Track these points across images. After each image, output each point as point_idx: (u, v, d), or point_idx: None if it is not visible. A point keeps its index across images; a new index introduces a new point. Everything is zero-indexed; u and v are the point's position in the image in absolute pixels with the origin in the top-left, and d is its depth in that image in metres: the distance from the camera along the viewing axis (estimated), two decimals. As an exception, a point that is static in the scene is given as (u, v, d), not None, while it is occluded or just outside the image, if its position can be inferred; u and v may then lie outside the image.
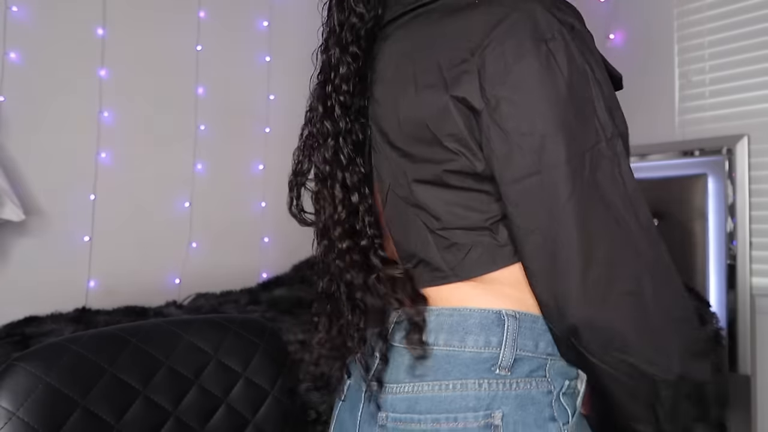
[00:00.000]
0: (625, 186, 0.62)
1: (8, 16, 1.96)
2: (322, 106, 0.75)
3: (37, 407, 0.77)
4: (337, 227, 0.73)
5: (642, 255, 0.62)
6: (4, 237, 1.93)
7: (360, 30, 0.71)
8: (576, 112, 0.61)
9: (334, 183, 0.73)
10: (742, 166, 1.90)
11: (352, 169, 0.73)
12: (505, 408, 0.64)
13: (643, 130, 2.19)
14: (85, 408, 0.81)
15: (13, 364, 0.78)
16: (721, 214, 1.91)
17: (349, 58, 0.72)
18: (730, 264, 1.89)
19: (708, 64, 2.05)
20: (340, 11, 0.73)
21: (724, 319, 1.86)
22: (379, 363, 0.70)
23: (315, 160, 0.77)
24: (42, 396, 0.78)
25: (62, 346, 0.84)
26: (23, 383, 0.77)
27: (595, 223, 0.60)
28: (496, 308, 0.66)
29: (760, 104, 1.91)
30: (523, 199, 0.61)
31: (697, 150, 2.01)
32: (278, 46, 2.55)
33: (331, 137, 0.74)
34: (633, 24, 2.27)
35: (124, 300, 1.98)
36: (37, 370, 0.78)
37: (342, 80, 0.73)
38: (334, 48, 0.74)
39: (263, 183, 2.50)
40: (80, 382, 0.82)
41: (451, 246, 0.67)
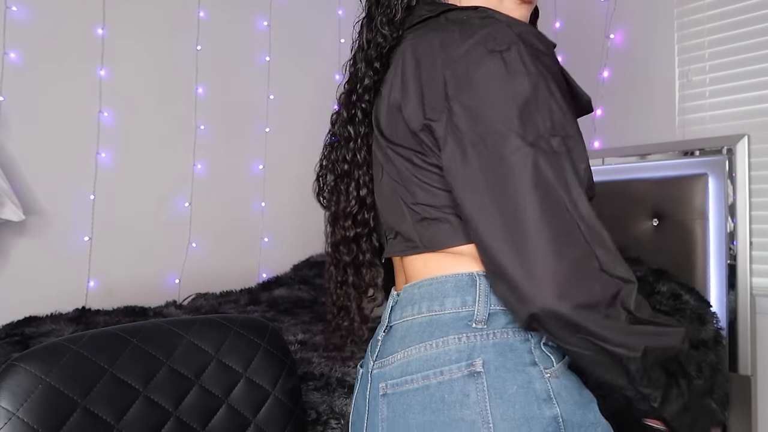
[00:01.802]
0: (568, 184, 0.66)
1: (8, 16, 1.96)
2: (347, 113, 0.86)
3: (37, 407, 0.77)
4: (348, 218, 0.86)
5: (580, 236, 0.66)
6: (4, 237, 1.93)
7: (383, 48, 0.82)
8: (527, 113, 0.67)
9: (350, 180, 0.86)
10: (742, 166, 1.90)
11: (366, 170, 0.85)
12: (485, 356, 0.70)
13: (643, 130, 2.19)
14: (86, 408, 0.81)
15: (13, 364, 0.78)
16: (721, 214, 1.91)
17: (371, 72, 0.83)
18: (730, 264, 1.89)
19: (708, 64, 2.05)
20: (369, 31, 0.84)
21: (724, 319, 1.85)
22: (381, 343, 0.80)
23: (334, 158, 0.89)
24: (42, 396, 0.78)
25: (62, 346, 0.84)
26: (23, 383, 0.77)
27: (540, 211, 0.65)
28: (468, 271, 0.74)
29: (760, 104, 1.91)
30: (470, 187, 0.69)
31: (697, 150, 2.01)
32: (278, 46, 2.55)
33: (352, 141, 0.85)
34: (633, 24, 2.27)
35: (124, 300, 1.98)
36: (37, 370, 0.78)
37: (365, 91, 0.84)
38: (361, 63, 0.85)
39: (263, 183, 2.50)
40: (80, 382, 0.81)
41: (422, 220, 0.76)
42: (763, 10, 1.91)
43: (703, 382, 1.62)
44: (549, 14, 2.50)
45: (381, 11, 0.82)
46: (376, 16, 0.82)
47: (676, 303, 1.68)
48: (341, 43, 2.70)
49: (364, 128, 0.84)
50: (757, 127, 1.91)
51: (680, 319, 1.65)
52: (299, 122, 2.59)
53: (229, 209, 2.42)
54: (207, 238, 2.33)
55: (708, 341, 1.67)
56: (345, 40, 2.71)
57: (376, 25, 0.82)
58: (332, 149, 0.90)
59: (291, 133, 2.57)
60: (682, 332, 0.67)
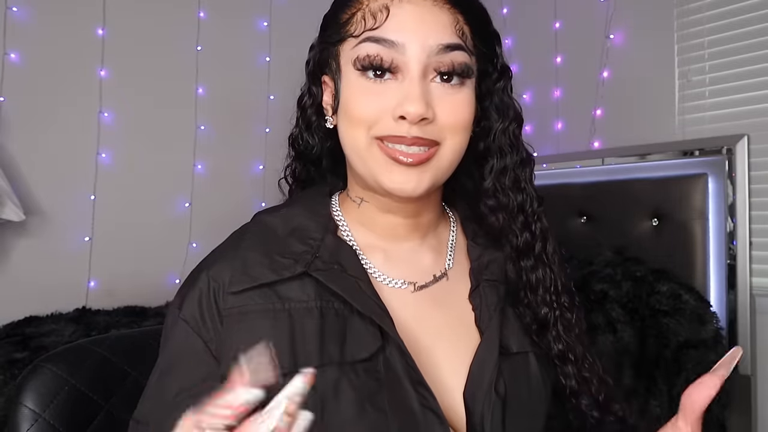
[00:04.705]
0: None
1: (8, 16, 1.96)
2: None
3: (62, 409, 0.76)
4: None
5: None
6: (4, 237, 1.93)
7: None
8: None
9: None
10: (742, 166, 1.90)
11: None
12: None
13: (643, 130, 2.20)
14: (109, 411, 0.80)
15: (39, 365, 0.77)
16: (721, 214, 1.91)
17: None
18: (730, 264, 1.89)
19: (708, 64, 2.05)
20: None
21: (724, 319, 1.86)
22: None
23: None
24: (67, 398, 0.77)
25: (87, 348, 0.83)
26: (49, 385, 0.76)
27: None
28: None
29: (760, 104, 1.91)
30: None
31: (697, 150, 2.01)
32: (278, 46, 2.55)
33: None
34: (633, 24, 2.27)
35: (124, 300, 1.98)
36: (62, 371, 0.78)
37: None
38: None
39: (263, 183, 2.50)
40: (104, 384, 0.81)
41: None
42: (763, 10, 1.91)
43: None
44: (549, 14, 2.50)
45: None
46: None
47: (676, 303, 1.68)
48: (341, 43, 2.70)
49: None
50: (757, 127, 1.91)
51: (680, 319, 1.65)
52: (299, 122, 2.59)
53: (229, 209, 2.41)
54: (207, 238, 2.32)
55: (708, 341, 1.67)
56: (345, 40, 2.71)
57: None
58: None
59: (291, 133, 2.56)
60: None
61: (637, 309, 1.67)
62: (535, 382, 0.74)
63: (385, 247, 0.77)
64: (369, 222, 0.77)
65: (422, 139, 0.68)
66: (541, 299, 0.77)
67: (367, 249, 0.76)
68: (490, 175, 0.78)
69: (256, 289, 0.68)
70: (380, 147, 0.69)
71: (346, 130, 0.72)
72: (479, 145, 0.77)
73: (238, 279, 0.69)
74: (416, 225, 0.78)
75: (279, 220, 0.76)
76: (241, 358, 0.42)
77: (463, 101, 0.71)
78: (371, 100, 0.69)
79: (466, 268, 0.79)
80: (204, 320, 0.68)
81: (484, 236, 0.82)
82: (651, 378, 1.60)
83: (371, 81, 0.69)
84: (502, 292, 0.77)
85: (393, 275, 0.75)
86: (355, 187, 0.78)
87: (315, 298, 0.69)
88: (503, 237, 0.79)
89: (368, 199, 0.76)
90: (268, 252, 0.71)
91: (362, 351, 0.66)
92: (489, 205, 0.79)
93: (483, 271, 0.78)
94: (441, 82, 0.70)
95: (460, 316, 0.75)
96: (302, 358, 0.64)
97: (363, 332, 0.67)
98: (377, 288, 0.71)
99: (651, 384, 1.60)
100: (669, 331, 1.63)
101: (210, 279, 0.70)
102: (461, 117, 0.71)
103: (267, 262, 0.70)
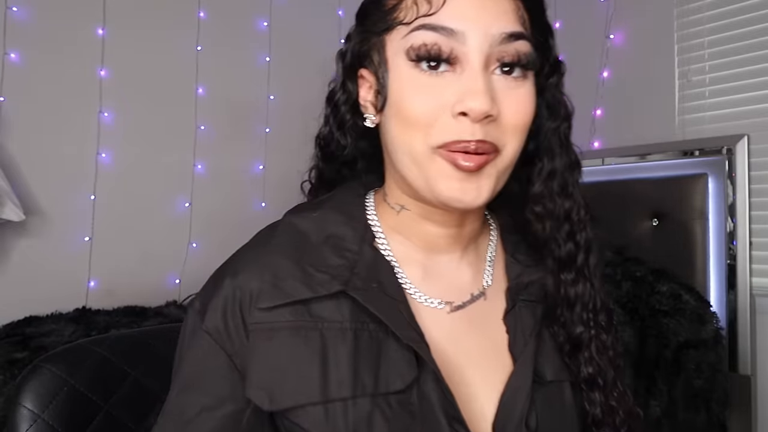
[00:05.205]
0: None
1: (8, 16, 1.96)
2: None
3: (61, 410, 0.76)
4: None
5: None
6: (4, 237, 1.93)
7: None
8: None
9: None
10: (742, 166, 1.90)
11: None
12: None
13: (643, 130, 2.20)
14: (108, 412, 0.80)
15: (39, 366, 0.77)
16: (721, 214, 1.91)
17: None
18: (730, 264, 1.90)
19: (708, 64, 2.06)
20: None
21: (724, 319, 1.86)
22: None
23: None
24: (67, 398, 0.76)
25: (86, 348, 0.83)
26: (48, 385, 0.76)
27: None
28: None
29: (760, 104, 1.91)
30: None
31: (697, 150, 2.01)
32: (278, 46, 2.55)
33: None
34: (633, 24, 2.27)
35: (124, 300, 1.98)
36: (62, 371, 0.77)
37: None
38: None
39: (263, 183, 2.50)
40: (103, 385, 0.80)
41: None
42: (763, 10, 1.91)
43: (703, 382, 1.62)
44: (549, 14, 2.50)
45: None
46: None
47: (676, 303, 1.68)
48: (341, 43, 2.70)
49: None
50: (757, 127, 1.91)
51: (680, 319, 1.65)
52: (299, 122, 2.58)
53: (229, 209, 2.42)
54: (207, 238, 2.33)
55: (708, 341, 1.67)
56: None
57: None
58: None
59: (291, 133, 2.56)
60: None
61: (637, 309, 1.67)
62: (569, 413, 0.69)
63: (423, 260, 0.71)
64: (407, 231, 0.71)
65: (486, 143, 0.61)
66: (578, 317, 0.71)
67: (405, 262, 0.70)
68: (539, 178, 0.72)
69: (288, 306, 0.63)
70: (442, 155, 0.62)
71: (399, 133, 0.64)
72: (528, 146, 0.70)
73: (268, 293, 0.63)
74: (458, 236, 0.71)
75: (312, 225, 0.69)
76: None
77: (526, 96, 0.64)
78: (427, 95, 0.62)
79: (503, 286, 0.73)
80: (228, 333, 0.63)
81: (525, 250, 0.76)
82: (651, 378, 1.60)
83: (425, 74, 0.62)
84: (539, 314, 0.71)
85: (430, 293, 0.69)
86: (396, 193, 0.71)
87: (350, 318, 0.63)
88: (546, 248, 0.72)
89: (410, 206, 0.69)
90: (300, 262, 0.65)
91: (397, 381, 0.61)
92: (536, 211, 0.72)
93: (521, 291, 0.72)
94: (502, 74, 0.63)
95: (493, 339, 0.69)
96: (334, 386, 0.60)
97: (398, 360, 0.62)
98: (413, 307, 0.66)
99: (651, 384, 1.60)
100: (669, 331, 1.63)
101: (236, 288, 0.65)
102: (525, 114, 0.64)
103: (300, 275, 0.64)
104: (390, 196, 0.72)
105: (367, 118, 0.70)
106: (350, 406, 0.60)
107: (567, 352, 0.71)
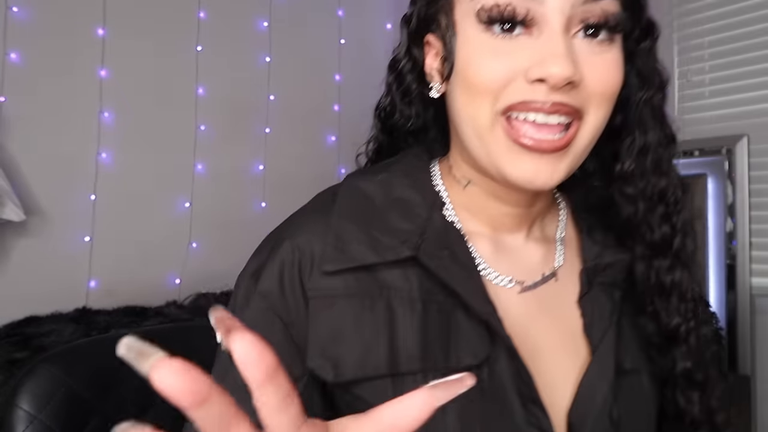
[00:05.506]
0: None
1: (8, 16, 1.96)
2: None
3: (58, 411, 0.75)
4: None
5: None
6: (4, 237, 1.93)
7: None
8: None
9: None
10: (741, 166, 1.90)
11: None
12: None
13: (643, 130, 2.19)
14: (105, 413, 0.79)
15: (36, 366, 0.77)
16: (721, 214, 1.91)
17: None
18: (730, 264, 1.89)
19: (708, 64, 2.05)
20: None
21: (724, 319, 1.86)
22: None
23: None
24: (64, 399, 0.76)
25: (83, 348, 0.83)
26: (45, 386, 0.75)
27: None
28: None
29: (760, 104, 1.91)
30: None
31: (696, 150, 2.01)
32: (278, 46, 2.55)
33: None
34: (633, 24, 2.27)
35: (124, 300, 1.98)
36: (59, 372, 0.77)
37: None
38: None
39: (263, 183, 2.50)
40: (101, 386, 0.80)
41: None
42: (763, 10, 1.91)
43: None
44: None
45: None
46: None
47: (675, 303, 1.68)
48: (341, 43, 2.70)
49: None
50: (757, 127, 1.91)
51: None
52: (299, 122, 2.59)
53: (230, 209, 2.42)
54: (207, 238, 2.33)
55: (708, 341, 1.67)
56: (345, 41, 2.71)
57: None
58: None
59: (291, 133, 2.57)
60: None
61: (637, 309, 1.67)
62: (648, 405, 0.64)
63: (492, 236, 0.65)
64: (473, 206, 0.65)
65: (565, 106, 0.55)
66: (675, 307, 0.65)
67: (474, 236, 0.64)
68: (629, 155, 0.65)
69: (352, 272, 0.58)
70: (505, 128, 0.56)
71: (465, 101, 0.58)
72: (615, 119, 0.63)
73: (332, 256, 0.58)
74: (527, 215, 0.66)
75: (377, 188, 0.63)
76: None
77: (613, 62, 0.58)
78: (499, 60, 0.55)
79: (576, 268, 0.67)
80: (285, 298, 0.58)
81: (603, 231, 0.68)
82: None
83: (498, 38, 0.56)
84: (617, 298, 0.65)
85: (500, 270, 0.63)
86: (463, 166, 0.65)
87: (418, 288, 0.58)
88: (636, 231, 0.65)
89: (477, 182, 0.64)
90: (365, 226, 0.60)
91: (469, 356, 0.56)
92: (626, 192, 0.65)
93: (599, 273, 0.65)
94: (585, 38, 0.56)
95: (566, 323, 0.64)
96: (403, 359, 0.55)
97: (470, 334, 0.57)
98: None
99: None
100: (668, 331, 1.63)
101: (295, 250, 0.59)
102: (612, 81, 0.57)
103: (366, 239, 0.59)
104: (456, 168, 0.66)
105: (432, 87, 0.64)
106: (420, 380, 0.54)
107: (657, 345, 0.65)
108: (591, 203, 0.71)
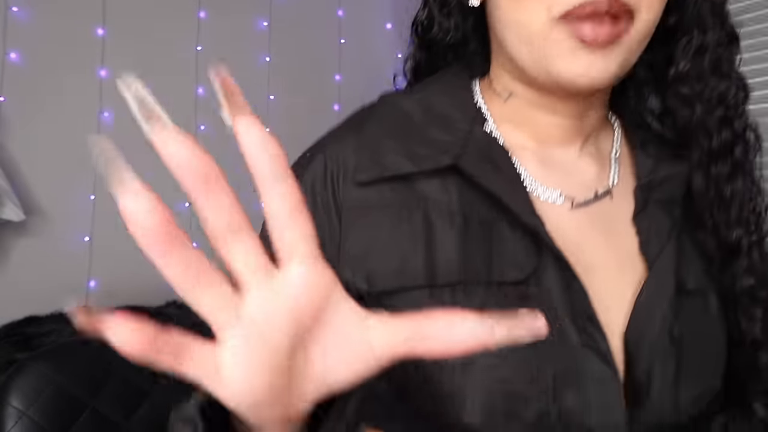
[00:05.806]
0: None
1: (8, 16, 1.97)
2: None
3: (47, 407, 0.76)
4: None
5: None
6: (4, 237, 1.94)
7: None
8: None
9: None
10: (742, 166, 1.89)
11: None
12: None
13: (644, 130, 2.19)
14: (94, 408, 0.80)
15: (25, 364, 0.77)
16: (722, 214, 1.90)
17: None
18: None
19: (708, 63, 2.05)
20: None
21: (724, 320, 1.85)
22: None
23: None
24: (52, 396, 0.77)
25: (72, 346, 0.83)
26: (34, 383, 0.76)
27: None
28: None
29: (760, 104, 1.90)
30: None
31: (697, 150, 2.00)
32: (278, 46, 2.55)
33: None
34: (633, 23, 2.27)
35: (124, 300, 1.99)
36: (48, 369, 0.77)
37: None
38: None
39: (263, 183, 2.50)
40: (90, 382, 0.81)
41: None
42: (762, 10, 1.90)
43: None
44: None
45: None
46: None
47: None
48: (341, 43, 2.70)
49: None
50: (757, 126, 1.90)
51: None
52: (299, 122, 2.59)
53: (230, 209, 2.42)
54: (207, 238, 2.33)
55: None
56: (345, 41, 2.71)
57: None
58: None
59: (291, 133, 2.55)
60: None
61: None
62: (715, 327, 0.58)
63: (538, 150, 0.61)
64: (517, 118, 0.61)
65: (620, 3, 0.50)
66: (735, 219, 0.59)
67: (518, 151, 0.60)
68: (684, 55, 0.59)
69: (387, 182, 0.55)
70: (568, 30, 0.52)
71: (511, 6, 0.54)
72: (668, 20, 0.58)
73: (366, 166, 0.55)
74: (578, 128, 0.61)
75: (416, 105, 0.60)
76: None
77: None
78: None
79: (630, 186, 0.62)
80: (317, 210, 0.55)
81: (657, 145, 0.64)
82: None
83: None
84: (677, 215, 0.60)
85: (549, 184, 0.59)
86: (504, 78, 0.61)
87: (458, 200, 0.55)
88: (693, 138, 0.60)
89: (519, 93, 0.60)
90: (403, 139, 0.57)
91: (514, 270, 0.52)
92: (682, 93, 0.60)
93: (655, 188, 0.60)
94: None
95: (621, 242, 0.59)
96: (442, 270, 0.52)
97: (514, 247, 0.53)
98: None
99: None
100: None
101: (327, 160, 0.57)
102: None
103: (403, 150, 0.56)
104: (496, 80, 0.62)
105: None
106: (459, 291, 0.52)
107: (719, 262, 0.60)
108: (643, 119, 0.66)
